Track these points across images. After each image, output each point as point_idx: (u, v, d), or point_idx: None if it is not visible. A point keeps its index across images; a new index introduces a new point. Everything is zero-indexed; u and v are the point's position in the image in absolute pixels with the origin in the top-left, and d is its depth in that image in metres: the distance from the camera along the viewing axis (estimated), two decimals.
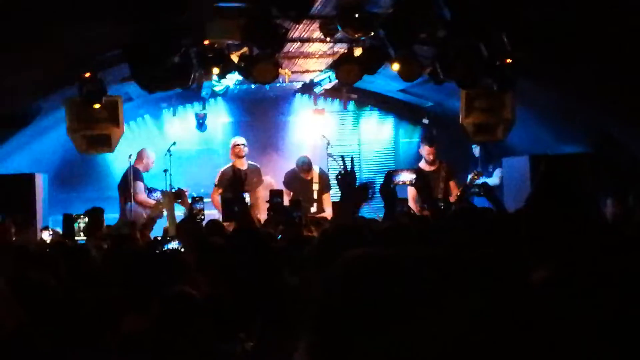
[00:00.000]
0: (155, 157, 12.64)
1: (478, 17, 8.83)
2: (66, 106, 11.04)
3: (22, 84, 9.63)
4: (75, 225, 8.83)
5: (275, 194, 8.42)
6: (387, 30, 9.33)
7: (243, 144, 12.45)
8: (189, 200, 9.64)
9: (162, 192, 11.08)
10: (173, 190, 10.38)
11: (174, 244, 6.25)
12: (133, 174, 11.99)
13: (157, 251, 6.18)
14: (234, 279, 4.22)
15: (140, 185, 12.03)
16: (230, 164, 12.32)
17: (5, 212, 9.67)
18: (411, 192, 10.96)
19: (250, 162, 12.49)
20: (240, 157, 12.37)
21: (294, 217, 7.46)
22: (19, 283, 3.88)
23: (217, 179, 12.26)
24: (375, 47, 10.30)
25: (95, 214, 8.45)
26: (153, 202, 11.42)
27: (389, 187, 6.73)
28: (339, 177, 5.05)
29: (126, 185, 12.02)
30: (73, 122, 11.13)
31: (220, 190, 11.99)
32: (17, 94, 9.93)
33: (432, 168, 12.28)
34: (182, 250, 6.09)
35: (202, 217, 9.20)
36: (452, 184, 12.15)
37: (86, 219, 8.67)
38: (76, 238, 8.67)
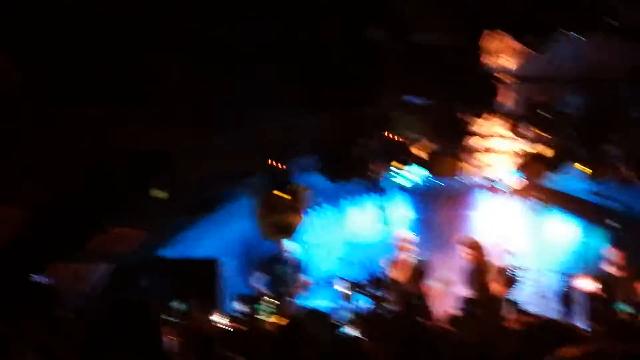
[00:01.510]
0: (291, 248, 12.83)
1: None
2: (254, 193, 11.41)
3: (214, 172, 10.06)
4: (258, 307, 9.09)
5: None
6: (577, 130, 9.16)
7: (409, 241, 12.38)
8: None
9: (348, 282, 11.26)
10: (354, 281, 10.50)
11: (354, 332, 6.32)
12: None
13: (336, 336, 6.25)
14: None
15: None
16: (397, 256, 12.26)
17: (190, 298, 10.04)
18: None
19: (416, 256, 12.37)
20: (405, 251, 12.29)
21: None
22: None
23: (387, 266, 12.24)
24: (564, 146, 10.10)
25: (281, 298, 8.69)
26: None
27: (571, 293, 6.61)
28: None
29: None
30: (262, 210, 11.46)
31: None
32: (209, 181, 10.37)
33: (620, 273, 11.79)
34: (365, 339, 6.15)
35: (387, 305, 9.14)
36: None
37: (271, 301, 8.91)
38: (259, 317, 8.95)
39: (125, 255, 11.14)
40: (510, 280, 11.51)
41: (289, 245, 12.68)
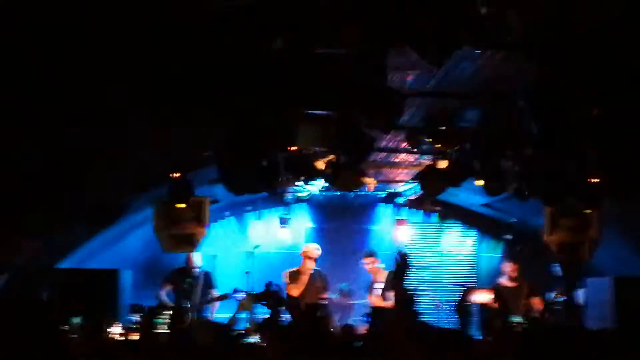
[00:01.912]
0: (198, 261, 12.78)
1: (566, 134, 8.80)
2: (154, 205, 11.27)
3: (113, 181, 9.91)
4: (159, 321, 9.01)
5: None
6: (473, 144, 9.38)
7: (312, 252, 12.42)
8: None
9: (247, 293, 11.24)
10: (254, 292, 10.50)
11: (254, 339, 6.37)
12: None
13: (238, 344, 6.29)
14: None
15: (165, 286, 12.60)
16: (299, 267, 12.31)
17: (89, 309, 9.84)
18: None
19: (316, 269, 12.44)
20: (307, 262, 12.34)
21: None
22: None
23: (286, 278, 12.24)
24: (461, 161, 10.31)
25: (179, 310, 8.62)
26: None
27: (465, 304, 6.78)
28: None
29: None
30: (159, 221, 11.31)
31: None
32: (108, 191, 10.20)
33: (514, 285, 12.10)
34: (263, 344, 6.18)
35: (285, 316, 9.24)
36: (536, 301, 11.89)
37: (170, 312, 8.82)
38: (159, 331, 8.84)
39: (20, 266, 10.85)
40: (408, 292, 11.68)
41: (192, 257, 12.59)
